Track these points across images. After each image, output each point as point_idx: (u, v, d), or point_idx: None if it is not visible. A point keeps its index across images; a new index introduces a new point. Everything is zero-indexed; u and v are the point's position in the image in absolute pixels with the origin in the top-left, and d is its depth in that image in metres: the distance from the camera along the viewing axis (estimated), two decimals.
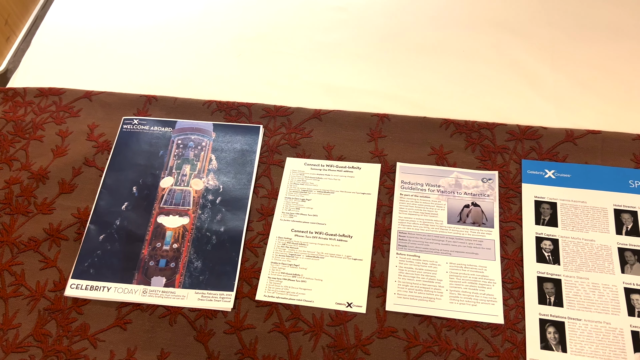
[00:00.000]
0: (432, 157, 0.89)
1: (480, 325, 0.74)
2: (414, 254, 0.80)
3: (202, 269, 0.81)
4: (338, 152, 0.90)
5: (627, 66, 0.97)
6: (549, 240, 0.79)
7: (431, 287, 0.77)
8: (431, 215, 0.83)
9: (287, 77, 1.01)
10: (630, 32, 1.01)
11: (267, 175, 0.89)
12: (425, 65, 1.01)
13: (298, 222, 0.84)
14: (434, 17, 1.08)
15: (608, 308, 0.73)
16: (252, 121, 0.94)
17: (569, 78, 0.96)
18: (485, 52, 1.01)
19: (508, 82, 0.97)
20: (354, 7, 1.11)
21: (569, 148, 0.87)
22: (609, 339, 0.71)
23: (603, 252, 0.78)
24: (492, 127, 0.90)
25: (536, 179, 0.85)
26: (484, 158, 0.88)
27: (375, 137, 0.91)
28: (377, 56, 1.03)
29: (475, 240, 0.81)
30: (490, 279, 0.77)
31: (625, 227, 0.79)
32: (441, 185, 0.86)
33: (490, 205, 0.83)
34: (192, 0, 1.14)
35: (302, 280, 0.79)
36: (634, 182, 0.83)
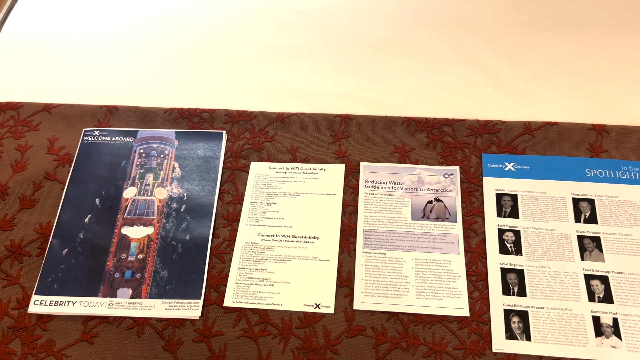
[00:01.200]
0: (394, 155, 0.90)
1: (446, 318, 0.75)
2: (380, 252, 0.81)
3: (169, 278, 0.80)
4: (302, 155, 0.91)
5: (581, 58, 0.99)
6: (511, 231, 0.81)
7: (397, 284, 0.78)
8: (395, 212, 0.84)
9: (249, 82, 1.01)
10: (583, 24, 1.04)
11: (232, 181, 0.89)
12: (386, 65, 1.02)
13: (264, 226, 0.84)
14: (392, 17, 1.09)
15: (569, 295, 0.75)
16: (215, 127, 0.94)
17: (526, 71, 0.98)
18: (443, 49, 1.03)
19: (466, 78, 0.99)
20: (313, 9, 1.11)
21: (527, 140, 0.89)
22: (571, 325, 0.73)
23: (563, 241, 0.79)
24: (452, 123, 0.92)
25: (496, 172, 0.86)
26: (446, 154, 0.89)
27: (339, 138, 0.92)
28: (338, 57, 1.04)
29: (439, 235, 0.82)
30: (455, 272, 0.78)
31: (584, 215, 0.81)
32: (404, 183, 0.87)
33: (453, 200, 0.85)
34: (150, 8, 1.14)
35: (269, 284, 0.79)
36: (590, 171, 0.85)
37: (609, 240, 0.79)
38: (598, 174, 0.85)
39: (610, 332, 0.72)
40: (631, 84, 0.95)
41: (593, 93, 0.95)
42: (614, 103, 0.93)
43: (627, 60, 0.98)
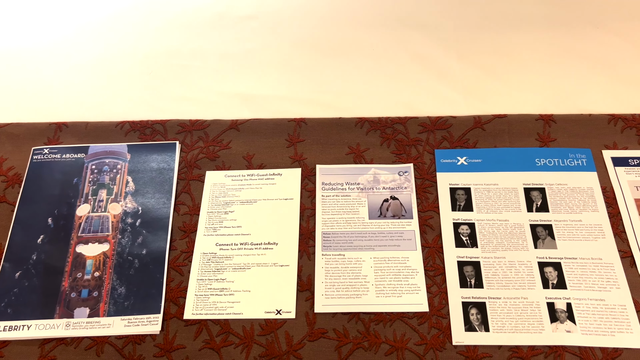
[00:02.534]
0: (350, 156, 0.90)
1: (406, 315, 0.75)
2: (339, 253, 0.81)
3: (127, 295, 0.79)
4: (258, 161, 0.90)
5: (527, 51, 1.01)
6: (466, 224, 0.82)
7: (357, 284, 0.78)
8: (353, 213, 0.85)
9: (202, 91, 1.01)
10: (528, 19, 1.06)
11: (188, 192, 0.88)
12: (338, 67, 1.03)
13: (222, 235, 0.84)
14: (343, 19, 1.10)
15: (524, 283, 0.76)
16: (168, 138, 0.93)
17: (475, 67, 1.00)
18: (393, 49, 1.04)
19: (417, 76, 1.00)
20: (263, 15, 1.11)
21: (478, 134, 0.91)
22: (527, 313, 0.74)
23: (517, 231, 0.81)
24: (404, 122, 0.93)
25: (450, 167, 0.88)
26: (399, 152, 0.90)
27: (294, 142, 0.92)
28: (291, 61, 1.04)
29: (397, 232, 0.82)
30: (413, 268, 0.79)
31: (535, 204, 0.83)
32: (360, 183, 0.87)
33: (408, 197, 0.86)
34: (97, 20, 1.12)
35: (230, 294, 0.79)
36: (539, 160, 0.87)
37: (560, 227, 0.81)
38: (547, 162, 0.87)
39: (565, 317, 0.73)
40: (576, 74, 0.97)
41: (540, 84, 0.97)
42: (560, 93, 0.95)
43: (571, 51, 1.00)
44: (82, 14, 1.13)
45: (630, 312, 0.73)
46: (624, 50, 0.99)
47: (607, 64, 0.98)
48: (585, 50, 1.00)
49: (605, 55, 0.99)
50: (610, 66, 0.97)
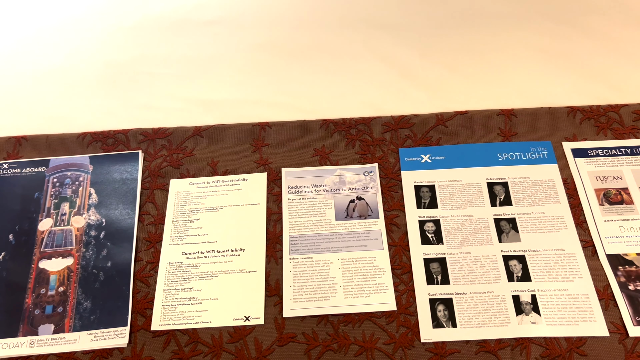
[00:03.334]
0: (315, 158, 0.90)
1: (375, 315, 0.76)
2: (307, 256, 0.81)
3: (92, 309, 0.78)
4: (223, 167, 0.90)
5: (487, 47, 1.02)
6: (431, 221, 0.83)
7: (325, 286, 0.78)
8: (320, 215, 0.85)
9: (165, 98, 1.00)
10: (486, 15, 1.07)
11: (152, 201, 0.87)
12: (302, 69, 1.02)
13: (188, 244, 0.83)
14: (305, 21, 1.09)
15: (490, 277, 0.77)
16: (131, 148, 0.92)
17: (436, 64, 1.01)
18: (356, 49, 1.04)
19: (380, 75, 1.00)
20: (225, 20, 1.11)
21: (441, 131, 0.91)
22: (493, 306, 0.75)
23: (481, 225, 0.82)
24: (368, 122, 0.93)
25: (414, 165, 0.88)
26: (364, 152, 0.90)
27: (259, 147, 0.92)
28: (254, 65, 1.04)
29: (363, 232, 0.83)
30: (380, 268, 0.79)
31: (499, 198, 0.84)
32: (326, 185, 0.87)
33: (374, 196, 0.86)
34: (55, 28, 1.10)
35: (197, 303, 0.78)
36: (502, 155, 0.88)
37: (523, 220, 0.82)
38: (509, 157, 0.88)
39: (530, 309, 0.74)
40: (536, 68, 0.98)
41: (501, 80, 0.98)
42: (520, 87, 0.96)
43: (530, 45, 1.02)
44: (38, 22, 1.11)
45: (593, 301, 0.74)
46: (581, 43, 1.01)
47: (565, 57, 0.99)
48: (544, 45, 1.01)
49: (563, 48, 1.00)
50: (568, 59, 0.99)
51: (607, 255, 0.78)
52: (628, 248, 0.78)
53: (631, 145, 0.87)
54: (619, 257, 0.78)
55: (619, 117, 0.90)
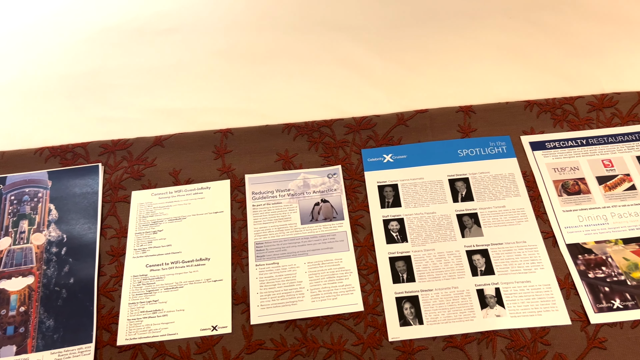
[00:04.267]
0: (279, 163, 0.90)
1: (342, 316, 0.76)
2: (273, 262, 0.81)
3: (56, 327, 0.76)
4: (185, 176, 0.89)
5: (444, 45, 1.04)
6: (395, 220, 0.83)
7: (292, 291, 0.78)
8: (285, 220, 0.84)
9: (124, 109, 0.98)
10: (442, 14, 1.08)
11: (114, 214, 0.85)
12: (262, 74, 1.02)
13: (152, 256, 0.82)
14: (264, 26, 1.09)
15: (454, 273, 0.78)
16: (91, 161, 0.90)
17: (396, 64, 1.02)
18: (316, 52, 1.04)
19: (341, 77, 1.01)
20: (184, 27, 1.10)
21: (401, 130, 0.92)
22: (459, 301, 0.76)
23: (444, 222, 0.83)
24: (330, 124, 0.93)
25: (376, 165, 0.89)
26: (327, 155, 0.90)
27: (222, 154, 0.91)
28: (214, 72, 1.03)
29: (329, 235, 0.83)
30: (346, 269, 0.80)
31: (460, 194, 0.85)
32: (291, 189, 0.87)
33: (338, 198, 0.86)
34: (11, 40, 1.08)
35: (163, 315, 0.77)
36: (462, 151, 0.89)
37: (485, 215, 0.83)
38: (469, 153, 0.89)
39: (494, 302, 0.75)
40: (491, 64, 1.00)
41: (459, 77, 0.99)
42: (478, 84, 0.98)
43: (486, 42, 1.03)
44: None
45: (554, 290, 0.76)
46: (536, 38, 1.03)
47: (520, 52, 1.01)
48: (500, 41, 1.03)
49: (518, 44, 1.02)
50: (524, 54, 1.01)
51: (567, 245, 0.80)
52: (587, 237, 0.80)
53: (586, 136, 0.90)
54: (579, 246, 0.79)
55: (574, 109, 0.92)
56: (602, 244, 0.79)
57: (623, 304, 0.74)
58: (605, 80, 0.96)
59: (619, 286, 0.76)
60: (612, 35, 1.02)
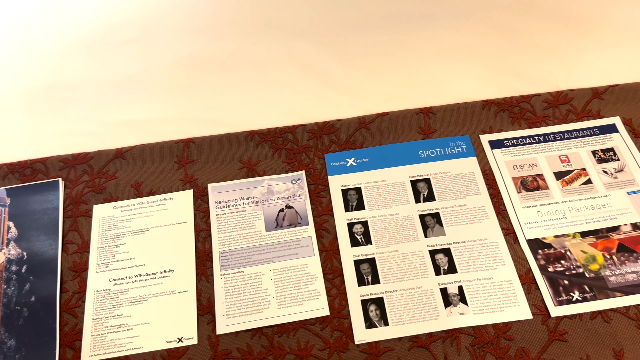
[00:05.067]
0: (242, 170, 0.90)
1: (309, 322, 0.76)
2: (238, 271, 0.80)
3: (17, 347, 0.74)
4: (147, 187, 0.88)
5: (403, 48, 1.05)
6: (359, 223, 0.84)
7: (258, 299, 0.78)
8: (249, 227, 0.84)
9: (84, 122, 0.97)
10: (400, 17, 1.10)
11: (76, 229, 0.84)
12: (223, 82, 1.02)
13: (115, 269, 0.81)
14: (222, 34, 1.09)
15: (418, 273, 0.79)
16: (50, 176, 0.89)
17: (356, 68, 1.02)
18: (277, 59, 1.05)
19: (303, 83, 1.01)
20: (143, 37, 1.09)
21: (363, 134, 0.93)
22: (423, 301, 0.77)
23: (407, 223, 0.84)
24: (293, 130, 0.93)
25: (340, 169, 0.89)
26: (291, 160, 0.91)
27: (184, 164, 0.91)
28: (175, 82, 1.02)
29: (294, 241, 0.83)
30: (312, 274, 0.80)
31: (422, 194, 0.86)
32: (255, 196, 0.87)
33: (303, 204, 0.86)
34: None
35: (128, 329, 0.76)
36: (423, 152, 0.90)
37: (447, 214, 0.84)
38: (430, 153, 0.90)
39: (457, 300, 0.76)
40: (449, 65, 1.01)
41: (417, 79, 1.00)
42: (437, 85, 0.99)
43: (444, 43, 1.05)
44: None
45: (516, 286, 0.77)
46: (492, 38, 1.05)
47: (478, 52, 1.03)
48: (457, 42, 1.05)
49: (475, 44, 1.04)
50: (480, 54, 1.02)
51: (527, 240, 0.81)
52: (546, 232, 0.82)
53: (543, 133, 0.91)
54: (538, 241, 0.81)
55: (531, 107, 0.94)
56: (560, 238, 0.81)
57: (582, 295, 0.76)
58: (560, 77, 0.98)
59: (577, 279, 0.77)
60: (566, 33, 1.04)
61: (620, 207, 0.83)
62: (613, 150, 0.89)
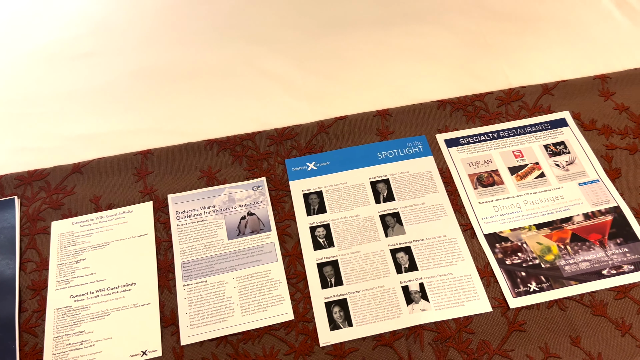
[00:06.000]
0: (202, 180, 0.90)
1: (273, 327, 0.76)
2: (201, 280, 0.80)
3: None
4: (107, 201, 0.87)
5: (360, 51, 1.06)
6: (321, 226, 0.85)
7: (222, 307, 0.78)
8: (211, 236, 0.84)
9: (40, 138, 0.96)
10: (356, 22, 1.11)
11: (34, 247, 0.83)
12: (181, 91, 1.02)
13: (76, 286, 0.80)
14: (180, 42, 1.09)
15: (380, 273, 0.80)
16: (6, 194, 0.87)
17: (315, 74, 1.03)
18: (236, 66, 1.05)
19: (261, 89, 1.01)
20: (98, 51, 1.08)
21: (323, 138, 0.94)
22: (385, 300, 0.78)
23: (368, 223, 0.85)
24: (252, 137, 0.94)
25: (301, 174, 0.90)
26: (252, 167, 0.91)
27: (143, 175, 0.90)
28: (132, 93, 1.02)
29: (257, 247, 0.83)
30: (275, 280, 0.80)
31: (382, 195, 0.87)
32: (216, 205, 0.87)
33: (265, 210, 0.87)
34: None
35: (90, 345, 0.75)
36: (381, 154, 0.92)
37: (406, 213, 0.85)
38: (388, 154, 0.91)
39: (419, 297, 0.78)
40: (405, 67, 1.03)
41: (375, 82, 1.02)
42: (394, 87, 1.01)
43: (400, 46, 1.07)
44: None
45: (475, 280, 0.79)
46: (445, 39, 1.07)
47: (432, 54, 1.05)
48: (412, 44, 1.07)
49: (429, 46, 1.06)
50: (435, 56, 1.05)
51: (485, 235, 0.83)
52: (502, 225, 0.84)
53: (497, 130, 0.94)
54: (496, 235, 0.83)
55: (484, 105, 0.97)
56: (517, 231, 0.83)
57: (539, 286, 0.78)
58: (511, 75, 1.01)
59: (534, 270, 0.79)
60: (516, 33, 1.07)
61: (573, 199, 0.86)
62: (564, 143, 0.92)
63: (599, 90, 0.98)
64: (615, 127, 0.93)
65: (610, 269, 0.79)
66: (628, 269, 0.79)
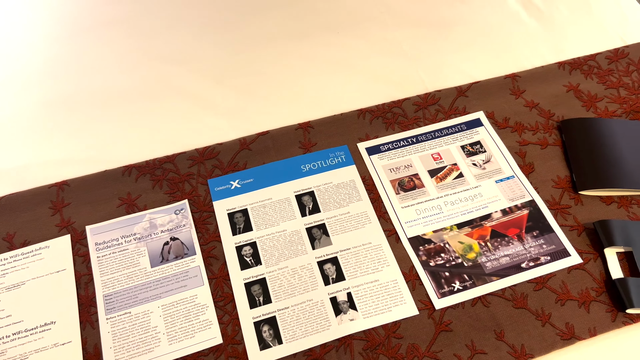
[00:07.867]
0: (121, 208, 0.87)
1: (202, 353, 0.74)
2: (125, 312, 0.78)
3: None
4: (21, 238, 0.83)
5: (278, 66, 1.06)
6: (248, 245, 0.84)
7: (148, 338, 0.75)
8: (134, 266, 0.82)
9: None
10: (275, 35, 1.12)
11: None
12: (97, 118, 0.99)
13: None
14: (93, 67, 1.06)
15: (308, 286, 0.80)
16: None
17: (233, 90, 1.03)
18: (150, 88, 1.03)
19: (179, 110, 1.00)
20: (6, 80, 1.03)
21: (246, 155, 0.93)
22: (314, 313, 0.77)
23: (295, 237, 0.84)
24: (172, 159, 0.92)
25: (224, 193, 0.89)
26: (173, 190, 0.89)
27: (59, 208, 0.86)
28: (45, 124, 0.98)
29: (182, 273, 0.81)
30: (202, 304, 0.78)
31: (308, 207, 0.88)
32: (137, 233, 0.85)
33: (188, 234, 0.85)
34: None
35: None
36: (305, 166, 0.92)
37: (332, 223, 0.86)
38: (312, 167, 0.92)
39: (347, 307, 0.78)
40: (324, 79, 1.04)
41: (294, 95, 1.02)
42: (313, 99, 1.01)
43: (317, 58, 1.08)
44: None
45: (401, 284, 0.80)
46: (361, 49, 1.09)
47: (349, 64, 1.06)
48: (330, 56, 1.08)
49: (347, 56, 1.08)
50: (352, 66, 1.06)
51: (409, 238, 0.85)
52: (425, 228, 0.86)
53: (416, 134, 0.96)
54: (419, 238, 0.85)
55: (402, 111, 0.99)
56: (439, 233, 0.85)
57: (462, 285, 0.80)
58: (427, 80, 1.04)
59: (457, 269, 0.81)
60: (429, 38, 1.11)
61: (491, 196, 0.89)
62: (480, 143, 0.95)
63: (510, 89, 1.02)
64: (527, 123, 0.97)
65: (528, 261, 0.82)
66: (545, 260, 0.82)
